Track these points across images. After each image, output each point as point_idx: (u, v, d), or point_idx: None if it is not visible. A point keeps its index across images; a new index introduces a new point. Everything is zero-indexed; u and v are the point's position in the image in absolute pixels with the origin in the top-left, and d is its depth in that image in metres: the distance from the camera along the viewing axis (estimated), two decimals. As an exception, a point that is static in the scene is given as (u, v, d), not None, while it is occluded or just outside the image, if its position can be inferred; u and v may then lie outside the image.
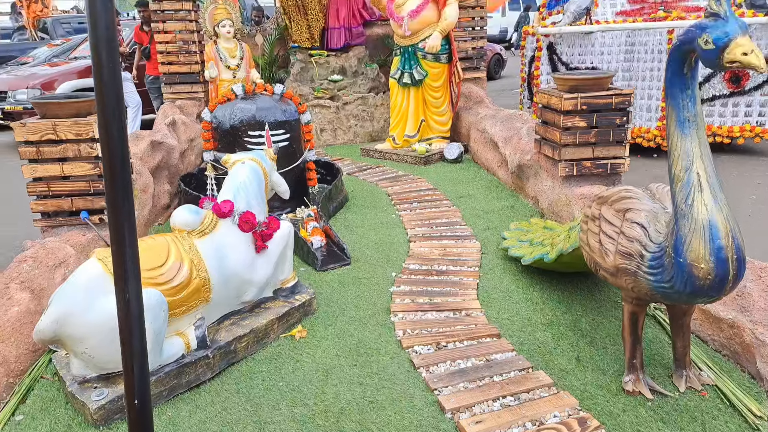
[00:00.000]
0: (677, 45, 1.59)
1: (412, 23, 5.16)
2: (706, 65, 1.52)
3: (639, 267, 1.73)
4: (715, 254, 1.53)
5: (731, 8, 1.48)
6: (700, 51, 1.50)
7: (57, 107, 3.13)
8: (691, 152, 1.60)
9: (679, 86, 1.62)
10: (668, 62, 1.64)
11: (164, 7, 5.69)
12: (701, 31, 1.48)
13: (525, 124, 4.30)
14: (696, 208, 1.56)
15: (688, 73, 1.61)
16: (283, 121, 3.88)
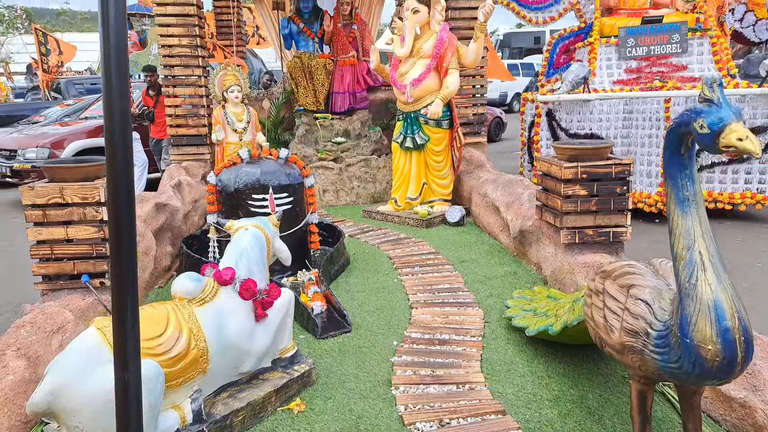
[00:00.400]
0: (673, 127, 1.63)
1: (415, 91, 5.30)
2: (703, 148, 1.55)
3: (645, 345, 1.70)
4: (722, 336, 1.51)
5: (724, 95, 1.52)
6: (696, 135, 1.53)
7: (66, 171, 3.18)
8: (692, 231, 1.61)
9: (677, 166, 1.65)
10: (666, 143, 1.68)
11: (175, 72, 5.88)
12: (696, 116, 1.52)
13: (526, 189, 4.34)
14: (700, 287, 1.55)
15: (686, 153, 1.64)
16: (287, 185, 3.93)
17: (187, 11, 5.75)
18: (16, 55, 18.46)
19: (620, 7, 6.87)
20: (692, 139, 1.62)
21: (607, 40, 6.51)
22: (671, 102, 5.71)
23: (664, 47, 6.31)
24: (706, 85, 1.52)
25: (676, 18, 6.33)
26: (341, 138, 6.98)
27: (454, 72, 5.31)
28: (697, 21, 6.33)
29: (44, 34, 13.24)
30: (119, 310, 0.82)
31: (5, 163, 7.75)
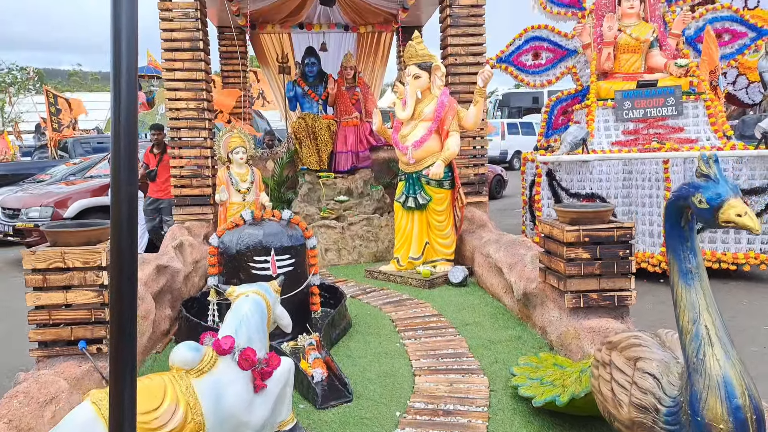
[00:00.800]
0: (672, 200, 1.64)
1: (417, 152, 5.39)
2: (702, 223, 1.56)
3: (655, 422, 1.65)
4: (733, 414, 1.47)
5: (721, 170, 1.54)
6: (695, 209, 1.54)
7: (68, 235, 3.19)
8: (697, 304, 1.59)
9: (679, 239, 1.65)
10: (665, 216, 1.69)
11: (181, 135, 6.00)
12: (695, 190, 1.54)
13: (529, 251, 4.33)
14: (708, 363, 1.52)
15: (686, 226, 1.64)
16: (289, 247, 3.92)
17: (195, 76, 5.92)
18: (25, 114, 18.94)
19: (615, 71, 7.06)
20: (692, 212, 1.63)
21: (604, 103, 6.66)
22: (670, 163, 5.78)
23: (659, 110, 6.44)
24: (703, 160, 1.54)
25: (670, 82, 6.50)
26: (344, 196, 7.04)
27: (455, 134, 5.41)
28: (690, 85, 6.50)
29: (54, 95, 13.62)
30: (116, 391, 0.80)
31: (8, 222, 7.80)
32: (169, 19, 5.82)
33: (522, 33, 7.76)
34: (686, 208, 1.63)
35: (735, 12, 7.35)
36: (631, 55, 7.01)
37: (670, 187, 5.74)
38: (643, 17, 7.08)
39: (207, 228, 5.97)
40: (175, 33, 5.86)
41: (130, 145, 0.78)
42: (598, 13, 7.33)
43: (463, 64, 6.18)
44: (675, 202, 1.64)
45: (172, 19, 5.83)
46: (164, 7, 5.82)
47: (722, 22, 7.35)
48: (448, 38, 6.16)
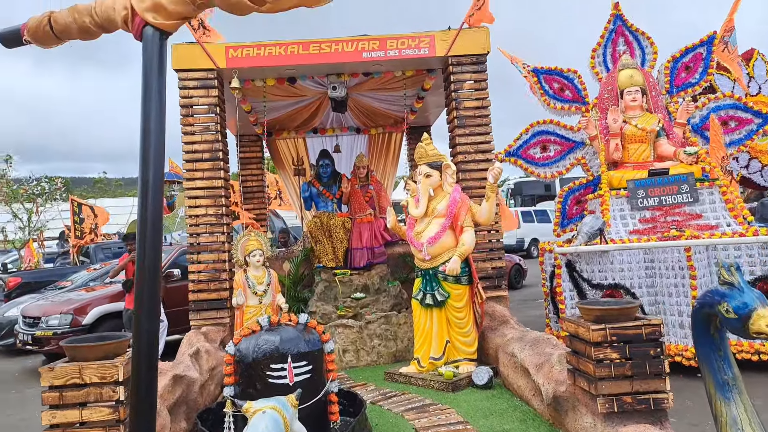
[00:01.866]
0: (698, 308, 1.59)
1: (431, 249, 5.38)
2: (732, 332, 1.50)
3: None
4: None
5: (744, 279, 1.50)
6: (723, 319, 1.49)
7: (87, 350, 3.18)
8: (738, 420, 1.49)
9: (710, 347, 1.58)
10: (692, 324, 1.63)
11: (200, 240, 6.10)
12: (720, 298, 1.49)
13: (555, 349, 4.18)
14: (761, 485, 1.40)
15: (716, 334, 1.58)
16: (306, 353, 3.83)
17: (215, 184, 6.12)
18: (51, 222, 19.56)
19: (625, 161, 7.15)
20: (720, 320, 1.57)
21: (617, 192, 6.69)
22: (692, 251, 5.69)
23: (674, 197, 6.44)
24: (725, 268, 1.51)
25: (683, 169, 6.54)
26: (360, 293, 6.98)
27: (469, 229, 5.43)
28: (703, 171, 6.54)
29: (79, 204, 14.11)
30: None
31: (28, 330, 7.80)
32: (191, 133, 6.13)
33: (528, 128, 7.99)
34: (713, 316, 1.57)
35: (737, 100, 7.52)
36: (639, 145, 7.13)
37: (695, 276, 5.61)
38: (646, 109, 7.27)
39: (224, 333, 5.90)
40: (196, 145, 6.14)
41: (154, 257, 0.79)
42: (601, 106, 7.58)
43: (472, 161, 6.33)
44: (700, 309, 1.59)
45: (194, 133, 6.13)
46: (187, 122, 6.15)
47: (726, 110, 7.52)
48: (457, 137, 6.36)
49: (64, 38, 1.33)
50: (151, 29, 1.22)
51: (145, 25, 1.22)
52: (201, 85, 6.17)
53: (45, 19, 1.32)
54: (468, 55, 6.35)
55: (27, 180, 19.53)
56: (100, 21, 1.27)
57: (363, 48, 6.25)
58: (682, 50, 7.73)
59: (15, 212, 18.31)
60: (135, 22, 1.22)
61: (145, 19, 1.21)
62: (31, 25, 1.34)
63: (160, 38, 1.23)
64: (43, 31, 1.33)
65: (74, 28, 1.30)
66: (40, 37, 1.33)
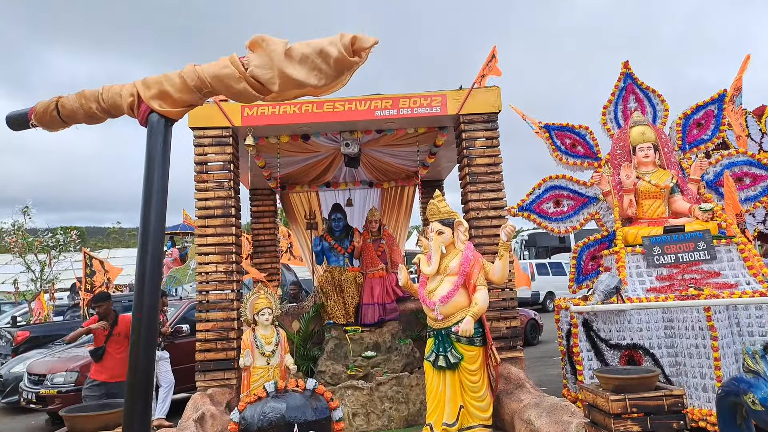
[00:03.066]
0: (722, 395, 1.50)
1: (444, 308, 5.27)
2: (760, 424, 1.40)
3: None
4: None
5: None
6: (750, 411, 1.40)
7: (86, 420, 3.09)
8: None
9: (738, 438, 1.47)
10: (717, 412, 1.53)
11: (209, 297, 6.04)
12: (746, 388, 1.40)
13: (573, 418, 3.99)
14: None
15: (742, 424, 1.48)
16: (313, 421, 3.71)
17: (226, 240, 6.12)
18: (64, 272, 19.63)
19: (640, 217, 7.07)
20: (746, 410, 1.46)
21: (633, 249, 6.57)
22: (712, 311, 5.52)
23: (691, 254, 6.31)
24: (749, 356, 1.42)
25: (699, 226, 6.43)
26: (371, 352, 6.82)
27: (483, 288, 5.32)
28: (719, 227, 6.42)
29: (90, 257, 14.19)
30: None
31: (32, 388, 7.70)
32: (205, 190, 6.18)
33: (540, 182, 7.96)
34: (739, 405, 1.47)
35: (751, 156, 7.47)
36: (654, 201, 7.06)
37: (716, 336, 5.42)
38: (659, 165, 7.23)
39: (230, 394, 5.76)
40: (209, 201, 6.18)
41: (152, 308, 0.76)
42: (614, 162, 7.55)
43: (485, 218, 6.29)
44: (726, 398, 1.50)
45: (208, 189, 6.18)
46: (200, 179, 6.21)
47: (740, 167, 7.46)
48: (469, 194, 6.35)
49: (70, 122, 1.34)
50: (156, 116, 1.22)
51: (151, 112, 1.21)
52: (216, 142, 6.26)
53: (53, 104, 1.33)
54: (479, 113, 6.42)
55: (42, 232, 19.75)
56: (106, 107, 1.27)
57: (376, 107, 6.35)
58: (693, 107, 7.75)
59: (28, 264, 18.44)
60: (141, 109, 1.22)
61: (151, 107, 1.21)
62: (38, 109, 1.35)
63: (165, 125, 1.22)
64: (50, 115, 1.33)
65: (81, 113, 1.30)
66: (47, 121, 1.34)
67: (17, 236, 18.57)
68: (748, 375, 1.44)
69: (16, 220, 19.00)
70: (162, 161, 1.20)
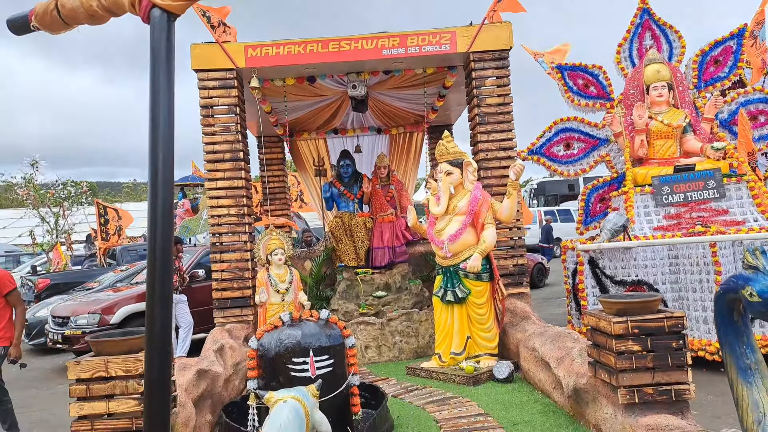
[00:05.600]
0: (720, 293, 1.58)
1: (452, 246, 5.38)
2: (756, 317, 1.49)
3: None
4: None
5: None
6: (747, 303, 1.48)
7: (111, 345, 3.27)
8: (760, 403, 1.48)
9: (733, 334, 1.57)
10: (715, 310, 1.62)
11: (223, 240, 6.19)
12: (744, 283, 1.48)
13: (576, 343, 4.15)
14: (782, 467, 1.39)
15: (739, 320, 1.57)
16: (327, 347, 3.87)
17: (236, 184, 6.20)
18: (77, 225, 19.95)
19: (650, 157, 7.05)
20: (743, 306, 1.55)
21: (642, 189, 6.59)
22: (717, 246, 5.59)
23: (700, 193, 6.33)
24: (749, 252, 1.50)
25: (709, 165, 6.42)
26: (382, 292, 7.01)
27: (491, 227, 5.41)
28: (730, 167, 6.41)
29: (104, 207, 14.39)
30: None
31: (58, 329, 8.00)
32: (212, 134, 6.21)
33: (551, 125, 7.91)
34: (737, 302, 1.56)
35: (767, 94, 7.36)
36: (665, 141, 7.03)
37: (720, 271, 5.51)
38: (672, 104, 7.16)
39: (247, 329, 5.98)
40: (217, 146, 6.22)
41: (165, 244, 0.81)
42: (627, 102, 7.46)
43: (494, 159, 6.30)
44: (723, 295, 1.58)
45: (215, 133, 6.21)
46: (207, 123, 6.23)
47: (755, 104, 7.36)
48: (478, 135, 6.34)
49: (72, 23, 1.32)
50: (158, 11, 1.21)
51: (152, 6, 1.21)
52: (221, 85, 6.24)
53: (52, 3, 1.32)
54: (490, 51, 6.30)
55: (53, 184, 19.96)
56: (107, 4, 1.27)
57: (383, 45, 6.27)
58: (711, 43, 7.56)
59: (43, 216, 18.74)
60: (142, 5, 1.22)
61: (152, 1, 1.21)
62: (38, 10, 1.33)
63: (167, 20, 1.22)
64: (51, 16, 1.32)
65: (81, 12, 1.29)
66: (48, 23, 1.33)
67: (29, 189, 18.81)
68: (747, 272, 1.51)
69: (27, 173, 19.17)
70: (167, 58, 1.20)
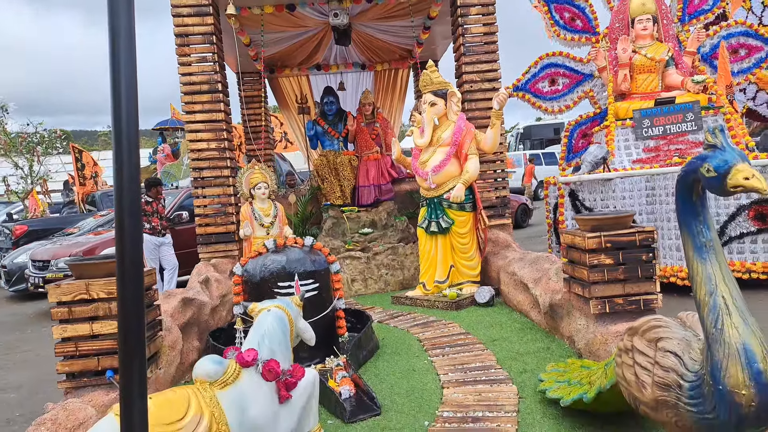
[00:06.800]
0: (682, 176, 1.65)
1: (436, 177, 5.44)
2: (712, 191, 1.56)
3: (679, 398, 1.61)
4: (754, 379, 1.44)
5: (728, 139, 1.55)
6: (704, 179, 1.55)
7: (92, 268, 3.27)
8: (713, 276, 1.58)
9: (691, 214, 1.65)
10: (677, 192, 1.69)
11: (204, 175, 6.14)
12: (702, 161, 1.55)
13: (553, 264, 4.29)
14: (727, 331, 1.50)
15: (697, 200, 1.64)
16: (313, 271, 3.96)
17: (215, 117, 6.10)
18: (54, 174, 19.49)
19: (633, 92, 7.07)
20: (702, 186, 1.63)
21: (623, 123, 6.65)
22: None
23: (679, 126, 6.40)
24: (709, 132, 1.56)
25: (689, 98, 6.47)
26: (368, 229, 7.09)
27: (474, 157, 5.46)
28: (709, 100, 6.46)
29: (80, 150, 14.10)
30: (126, 403, 0.82)
31: (38, 273, 7.93)
32: (188, 64, 6.05)
33: (537, 61, 7.86)
34: (696, 182, 1.63)
35: (749, 27, 7.34)
36: (648, 75, 7.03)
37: (695, 200, 5.64)
38: (656, 38, 7.12)
39: (232, 264, 6.05)
40: (194, 77, 6.05)
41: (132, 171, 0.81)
42: (612, 36, 7.41)
43: (478, 90, 6.27)
44: (684, 177, 1.65)
45: (190, 64, 6.05)
46: (182, 53, 6.03)
47: (737, 38, 7.35)
48: (463, 66, 6.28)
49: None
50: None
51: None
52: (195, 12, 6.00)
53: None
54: (476, -23, 6.16)
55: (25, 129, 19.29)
56: None
57: (365, -33, 6.05)
58: (696, -26, 7.48)
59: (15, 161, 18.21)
60: None
61: None
62: None
63: None
64: None
65: None
66: None
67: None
68: (707, 151, 1.58)
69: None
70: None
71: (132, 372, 0.82)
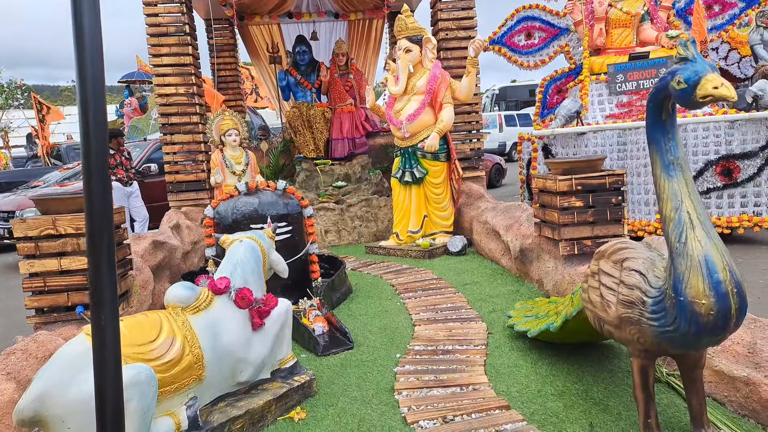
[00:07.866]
0: (653, 93, 1.65)
1: (411, 126, 5.40)
2: (681, 104, 1.57)
3: (642, 314, 1.66)
4: (714, 288, 1.49)
5: (698, 52, 1.56)
6: (674, 92, 1.55)
7: (58, 203, 3.18)
8: (679, 193, 1.61)
9: (661, 132, 1.66)
10: (647, 111, 1.70)
11: (172, 121, 5.98)
12: (672, 75, 1.55)
13: (524, 212, 4.35)
14: (690, 245, 1.54)
15: (667, 119, 1.66)
16: (285, 214, 3.94)
17: (183, 61, 5.90)
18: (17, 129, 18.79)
19: (608, 47, 7.08)
20: (672, 104, 1.64)
21: (597, 77, 6.68)
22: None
23: (652, 81, 6.46)
24: (681, 45, 1.56)
25: (663, 53, 6.51)
26: (342, 182, 7.05)
27: (449, 106, 5.42)
28: (682, 54, 6.51)
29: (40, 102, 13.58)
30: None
31: (3, 225, 7.73)
32: (153, 4, 5.79)
33: (514, 13, 7.79)
34: (666, 100, 1.64)
35: (724, -17, 7.37)
36: (623, 30, 7.04)
37: (664, 153, 5.74)
38: (632, -8, 7.10)
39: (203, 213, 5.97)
40: (160, 18, 5.81)
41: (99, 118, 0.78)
42: (588, -10, 7.36)
43: (454, 39, 6.19)
44: (656, 94, 1.66)
45: (156, 4, 5.80)
46: (147, -9, 5.78)
47: (712, -7, 7.38)
48: (438, 13, 6.18)
49: None
50: None
51: None
52: (161, -51, 5.74)
53: None
54: None
55: None
56: None
57: None
58: (674, -75, 7.42)
59: (-27, 112, 17.48)
60: None
61: None
62: None
63: None
64: None
65: None
66: None
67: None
68: (678, 64, 1.58)
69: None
70: None
71: (103, 294, 0.80)
